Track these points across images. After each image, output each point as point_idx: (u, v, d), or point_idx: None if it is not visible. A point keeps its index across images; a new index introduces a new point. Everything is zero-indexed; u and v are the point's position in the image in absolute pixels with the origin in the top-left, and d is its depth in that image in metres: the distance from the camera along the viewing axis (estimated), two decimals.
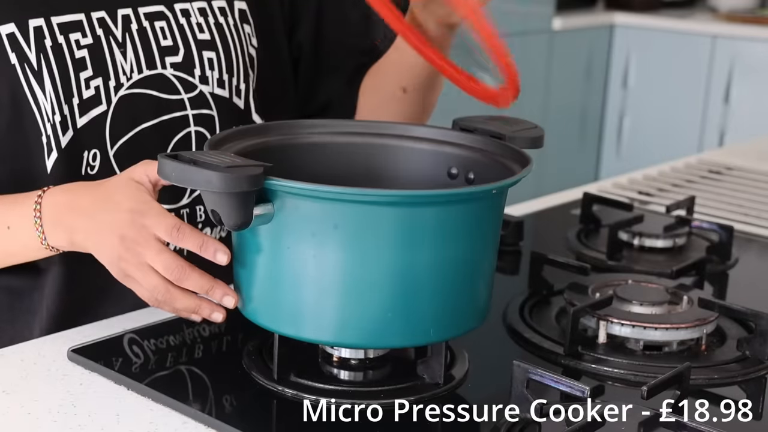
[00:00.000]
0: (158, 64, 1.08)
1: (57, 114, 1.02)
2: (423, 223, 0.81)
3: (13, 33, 1.01)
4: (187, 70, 1.09)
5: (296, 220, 0.81)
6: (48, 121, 1.02)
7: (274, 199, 0.81)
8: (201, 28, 1.11)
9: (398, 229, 0.80)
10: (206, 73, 1.10)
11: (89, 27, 1.04)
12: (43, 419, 0.83)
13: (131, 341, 0.97)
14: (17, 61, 1.01)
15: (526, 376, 0.82)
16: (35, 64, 1.01)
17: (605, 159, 4.19)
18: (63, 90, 1.02)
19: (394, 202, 0.80)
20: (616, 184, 1.65)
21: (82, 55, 1.03)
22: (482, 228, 0.85)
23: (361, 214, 0.80)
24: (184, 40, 1.09)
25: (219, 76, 1.11)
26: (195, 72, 1.10)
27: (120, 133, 1.06)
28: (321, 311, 0.83)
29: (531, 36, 3.73)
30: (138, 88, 1.07)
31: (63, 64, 1.02)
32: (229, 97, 1.13)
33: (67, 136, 1.03)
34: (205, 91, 1.11)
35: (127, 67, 1.06)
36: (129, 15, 1.07)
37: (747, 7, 4.13)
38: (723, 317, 1.02)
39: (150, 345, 0.97)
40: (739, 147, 1.90)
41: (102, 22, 1.05)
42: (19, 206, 0.97)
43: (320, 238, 0.80)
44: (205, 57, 1.10)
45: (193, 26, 1.10)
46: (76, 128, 1.04)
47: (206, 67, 1.10)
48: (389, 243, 0.80)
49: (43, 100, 1.02)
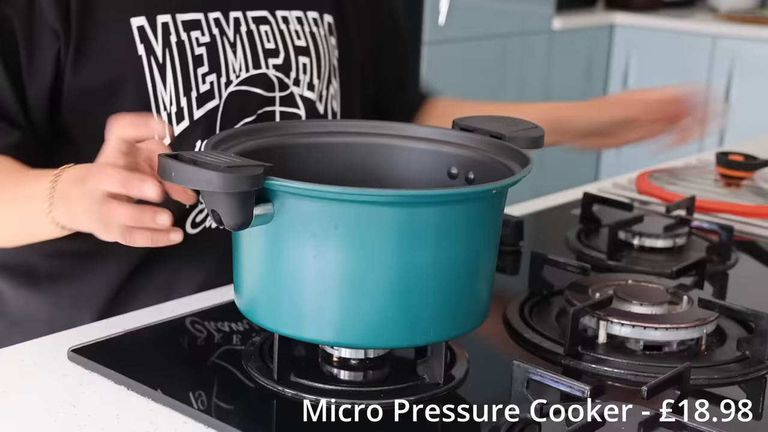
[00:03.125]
0: (262, 65, 1.16)
1: (174, 105, 1.09)
2: (423, 223, 0.81)
3: (143, 26, 1.08)
4: (285, 72, 1.18)
5: (296, 220, 0.81)
6: (164, 110, 1.09)
7: (274, 199, 0.80)
8: (298, 35, 1.20)
9: (398, 229, 0.80)
10: (299, 77, 1.19)
11: (206, 26, 1.12)
12: (43, 419, 0.83)
13: (131, 341, 0.97)
14: (144, 52, 1.07)
15: (526, 376, 0.82)
16: (161, 58, 1.08)
17: (605, 159, 4.18)
18: (183, 84, 1.09)
19: (394, 202, 0.80)
20: (616, 184, 1.65)
21: (200, 53, 1.11)
22: (482, 228, 0.85)
23: (361, 214, 0.80)
24: (284, 45, 1.18)
25: (309, 80, 1.20)
26: (291, 74, 1.19)
27: (227, 126, 1.13)
28: (321, 311, 0.82)
29: (531, 36, 3.73)
30: (244, 85, 1.15)
31: (184, 59, 1.10)
32: (315, 100, 1.21)
33: (181, 126, 1.10)
34: (296, 93, 1.19)
35: (237, 66, 1.14)
36: (239, 17, 1.15)
37: (747, 7, 4.13)
38: (723, 317, 1.02)
39: (150, 345, 0.97)
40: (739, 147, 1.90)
41: (217, 22, 1.13)
42: (43, 177, 0.96)
43: (320, 238, 0.80)
44: (301, 62, 1.19)
45: (291, 32, 1.19)
46: (193, 120, 1.11)
47: (300, 71, 1.19)
48: (389, 243, 0.80)
49: (162, 91, 1.08)
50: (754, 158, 1.63)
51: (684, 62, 3.92)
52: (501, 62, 3.64)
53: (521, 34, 3.68)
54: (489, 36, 3.54)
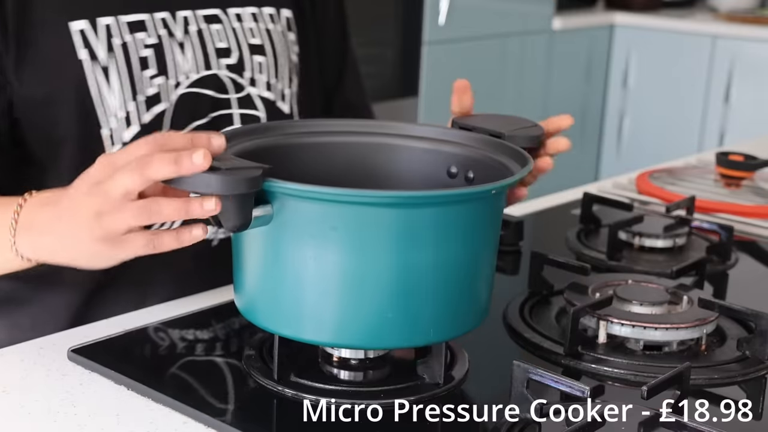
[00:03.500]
0: (214, 65, 1.13)
1: (122, 110, 1.06)
2: (421, 223, 0.81)
3: (84, 30, 1.05)
4: (239, 72, 1.14)
5: (295, 221, 0.80)
6: (113, 116, 1.06)
7: (273, 200, 0.80)
8: (252, 32, 1.16)
9: (396, 229, 0.80)
10: (255, 76, 1.15)
11: (153, 26, 1.09)
12: (43, 419, 0.83)
13: (131, 341, 0.97)
14: (87, 56, 1.05)
15: (526, 376, 0.82)
16: (104, 61, 1.06)
17: (605, 159, 4.19)
18: (130, 87, 1.07)
19: (391, 204, 0.80)
20: (616, 184, 1.65)
21: (146, 54, 1.08)
22: (481, 228, 0.85)
23: (359, 216, 0.80)
24: (237, 44, 1.14)
25: (267, 79, 1.16)
26: (245, 74, 1.15)
27: (177, 129, 1.10)
28: (320, 312, 0.82)
29: (531, 36, 3.73)
30: (195, 87, 1.11)
31: (129, 62, 1.07)
32: (275, 100, 1.18)
33: (131, 131, 1.07)
34: (253, 93, 1.16)
35: (186, 67, 1.11)
36: (189, 16, 1.11)
37: (747, 7, 4.13)
38: (723, 317, 1.02)
39: (150, 345, 0.97)
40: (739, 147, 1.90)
41: (164, 22, 1.10)
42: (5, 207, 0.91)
43: (319, 239, 0.80)
44: (256, 61, 1.15)
45: (245, 30, 1.15)
46: (142, 124, 1.08)
47: (255, 70, 1.15)
48: (388, 244, 0.80)
49: (108, 95, 1.05)
50: (754, 158, 1.63)
51: (684, 62, 3.92)
52: (501, 62, 3.64)
53: (521, 34, 3.68)
54: (489, 36, 3.54)
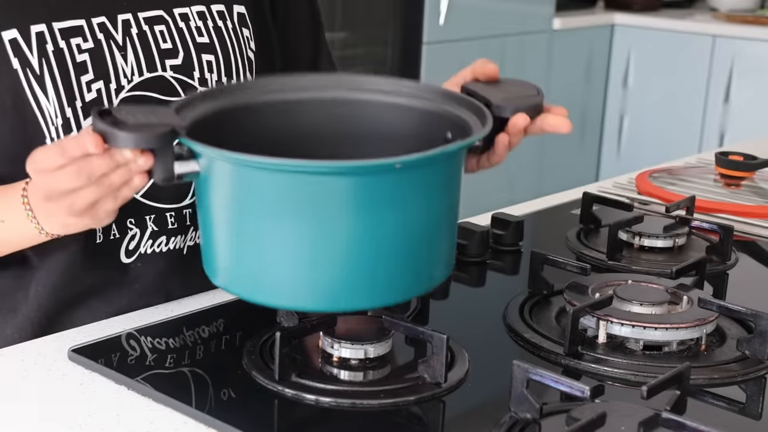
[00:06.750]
0: (158, 67, 1.09)
1: (60, 117, 1.03)
2: (337, 192, 0.81)
3: (15, 38, 1.02)
4: (186, 73, 1.11)
5: (220, 182, 0.84)
6: (52, 124, 1.03)
7: (198, 158, 0.85)
8: (200, 31, 1.12)
9: (346, 198, 0.81)
10: (205, 76, 1.12)
11: (90, 32, 1.05)
12: (43, 419, 0.83)
13: (131, 341, 0.97)
14: (20, 66, 1.02)
15: (526, 376, 0.82)
16: (37, 69, 1.03)
17: (605, 159, 4.18)
18: (66, 93, 1.03)
19: (296, 171, 0.80)
20: (616, 184, 1.65)
21: (83, 59, 1.05)
22: (440, 189, 0.86)
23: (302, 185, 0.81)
24: (183, 44, 1.11)
25: (218, 78, 1.13)
26: (194, 75, 1.11)
27: None
28: (282, 278, 0.84)
29: (531, 36, 3.73)
30: (139, 90, 1.08)
31: (64, 68, 1.03)
32: None
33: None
34: None
35: (128, 70, 1.07)
36: (129, 20, 1.08)
37: (747, 7, 4.13)
38: (723, 317, 1.02)
39: (150, 345, 0.97)
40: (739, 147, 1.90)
41: (102, 26, 1.06)
42: (8, 199, 0.97)
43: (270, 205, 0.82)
44: (204, 60, 1.12)
45: (192, 30, 1.12)
46: (81, 130, 1.04)
47: (205, 69, 1.12)
48: (339, 212, 0.81)
49: (45, 103, 1.03)
50: (754, 158, 1.63)
51: (684, 62, 3.92)
52: (501, 62, 3.63)
53: (521, 34, 3.68)
54: (488, 36, 3.54)
